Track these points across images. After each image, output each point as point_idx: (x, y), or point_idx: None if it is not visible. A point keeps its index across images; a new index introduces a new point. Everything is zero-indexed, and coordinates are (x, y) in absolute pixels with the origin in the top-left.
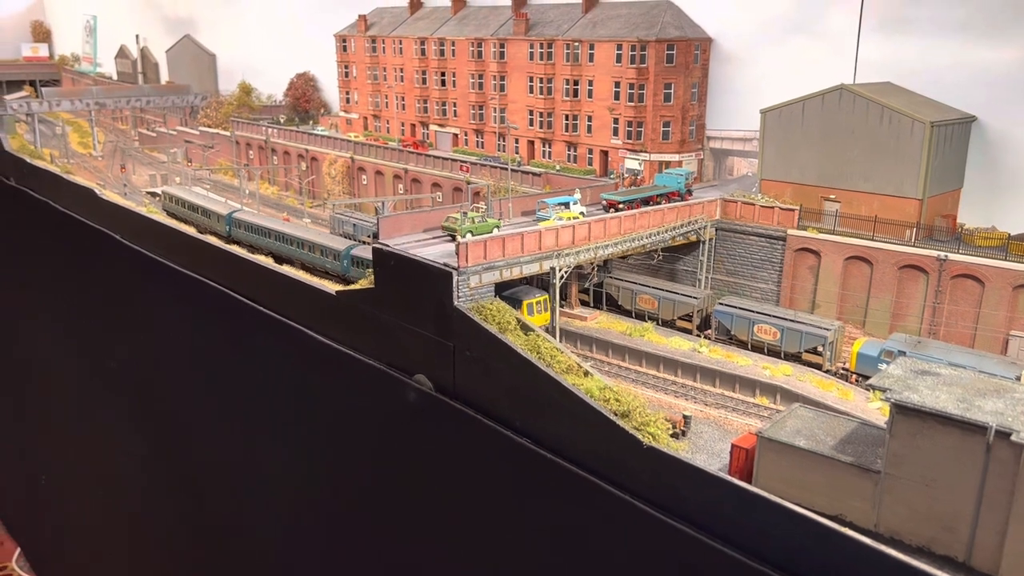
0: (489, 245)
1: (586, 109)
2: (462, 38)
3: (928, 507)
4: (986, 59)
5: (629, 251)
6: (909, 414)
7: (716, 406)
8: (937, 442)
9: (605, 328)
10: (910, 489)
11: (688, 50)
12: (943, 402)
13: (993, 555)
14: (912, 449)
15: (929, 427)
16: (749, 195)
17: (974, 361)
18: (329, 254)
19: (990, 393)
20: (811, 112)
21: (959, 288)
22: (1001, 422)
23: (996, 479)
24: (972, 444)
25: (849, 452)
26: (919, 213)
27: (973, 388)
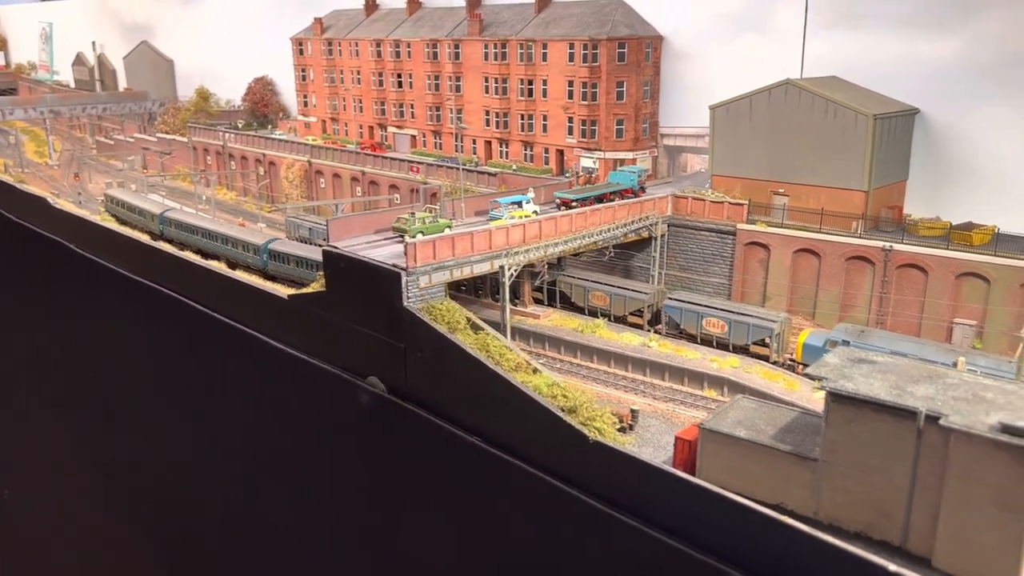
0: (438, 245)
1: (541, 108)
2: (417, 39)
3: (864, 493)
4: (929, 52)
5: (581, 248)
6: (843, 402)
7: (664, 400)
8: (871, 428)
9: (558, 326)
10: (847, 476)
11: (639, 48)
12: (876, 389)
13: (927, 538)
14: (847, 436)
15: (863, 414)
16: (700, 191)
17: (915, 349)
18: (249, 249)
19: (923, 379)
20: (759, 107)
21: (904, 278)
22: (931, 407)
23: (928, 463)
24: (904, 429)
25: (789, 441)
26: (865, 205)
27: (907, 375)
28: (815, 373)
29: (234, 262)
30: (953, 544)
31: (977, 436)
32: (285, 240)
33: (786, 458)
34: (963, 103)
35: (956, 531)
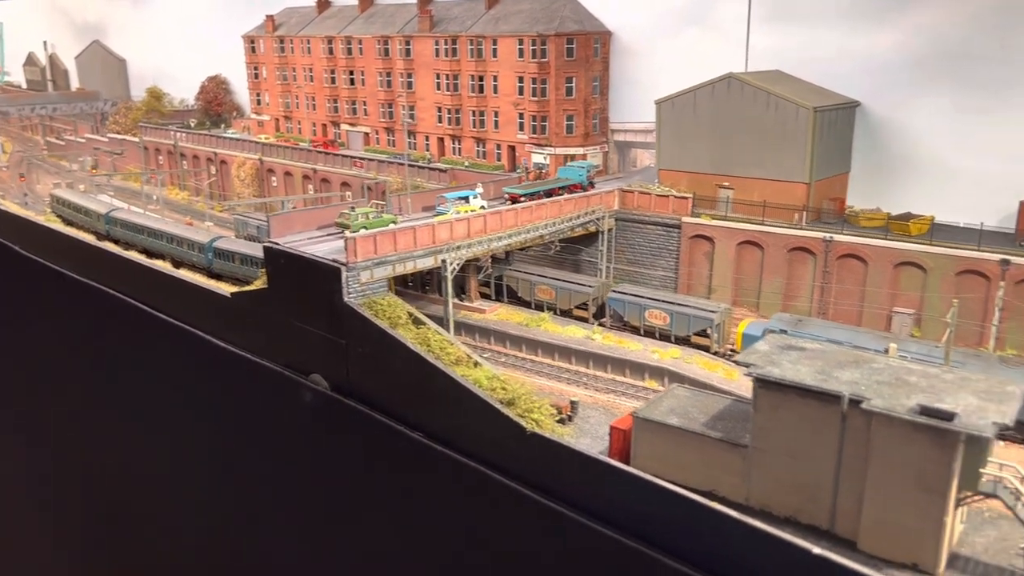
0: (379, 240)
1: (492, 105)
2: (369, 36)
3: (792, 478)
4: (869, 46)
5: (527, 243)
6: (770, 387)
7: (606, 391)
8: (797, 413)
9: (503, 320)
10: (775, 461)
11: (587, 43)
12: (802, 374)
13: (853, 522)
14: (775, 421)
15: (789, 399)
16: (646, 185)
17: (849, 336)
18: (194, 247)
19: (849, 364)
20: (702, 101)
21: (845, 268)
22: (855, 391)
23: (852, 447)
24: (829, 414)
25: (720, 428)
26: (807, 197)
27: (833, 360)
28: (744, 360)
29: (179, 261)
30: (877, 527)
31: (897, 419)
32: (230, 238)
33: (717, 445)
34: (902, 96)
35: (879, 514)
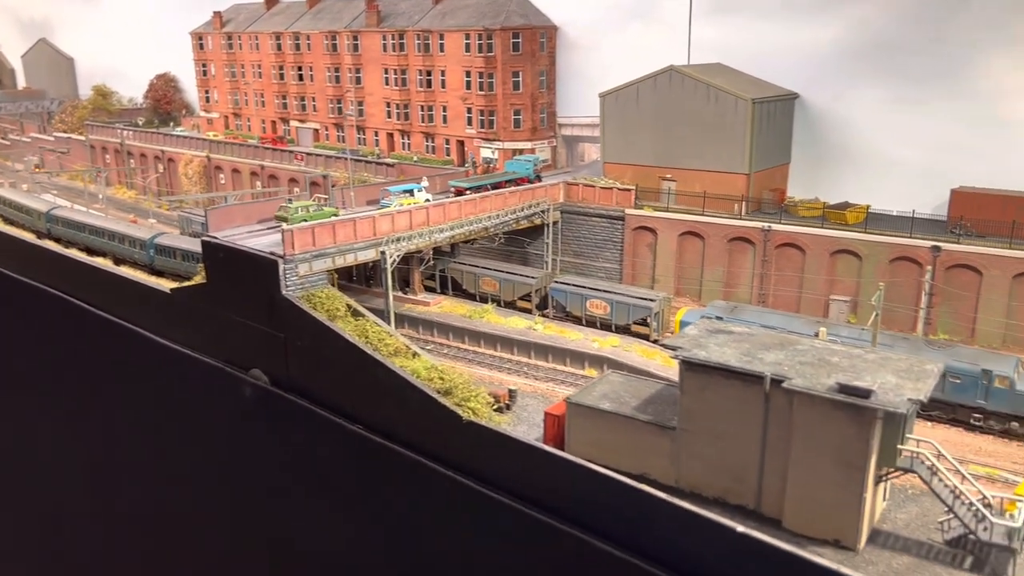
0: (318, 232)
1: (440, 99)
2: (316, 32)
3: (720, 459)
4: (807, 38)
5: (471, 235)
6: (696, 370)
7: (546, 380)
8: (722, 395)
9: (447, 312)
10: (703, 443)
11: (534, 38)
12: (728, 356)
13: (778, 500)
14: (701, 403)
15: (715, 381)
16: (591, 178)
17: (783, 322)
18: (135, 244)
19: (774, 347)
20: (645, 94)
21: (783, 257)
22: (778, 371)
23: (776, 427)
24: (752, 394)
25: (650, 412)
26: (747, 188)
27: (759, 343)
28: (672, 344)
29: (121, 258)
30: (800, 504)
31: (817, 397)
32: (172, 234)
33: (647, 428)
34: (839, 87)
35: (802, 491)
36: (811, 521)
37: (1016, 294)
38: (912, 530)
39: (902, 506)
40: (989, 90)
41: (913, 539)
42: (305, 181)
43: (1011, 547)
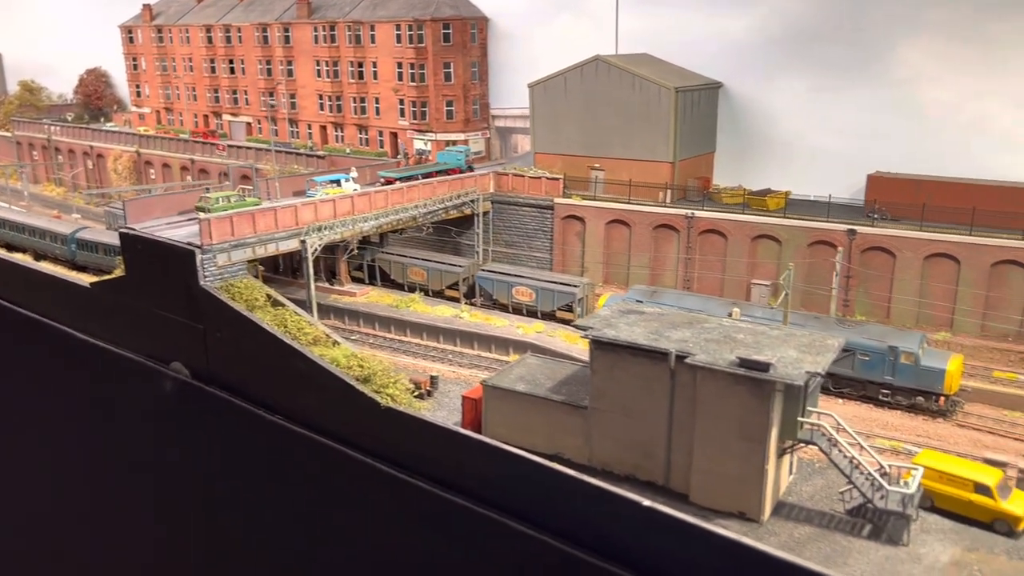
0: (236, 221)
1: (373, 91)
2: (248, 24)
3: (630, 436)
4: (731, 28)
5: (398, 224)
6: (605, 348)
7: (470, 366)
8: (631, 373)
9: (373, 302)
10: (613, 421)
11: (464, 29)
12: (636, 335)
13: (685, 475)
14: (611, 382)
15: (623, 359)
16: (520, 168)
17: (700, 304)
18: (56, 239)
19: (682, 325)
20: (573, 84)
21: (707, 243)
22: (683, 348)
23: (681, 403)
24: (659, 371)
25: (564, 392)
26: (672, 176)
27: (668, 322)
28: (583, 324)
29: (42, 254)
30: (705, 478)
31: (719, 371)
32: (94, 229)
33: (560, 408)
34: (761, 76)
35: (707, 465)
36: (716, 494)
37: (928, 274)
38: (816, 501)
39: (808, 479)
40: (904, 77)
41: (816, 510)
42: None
43: (905, 513)
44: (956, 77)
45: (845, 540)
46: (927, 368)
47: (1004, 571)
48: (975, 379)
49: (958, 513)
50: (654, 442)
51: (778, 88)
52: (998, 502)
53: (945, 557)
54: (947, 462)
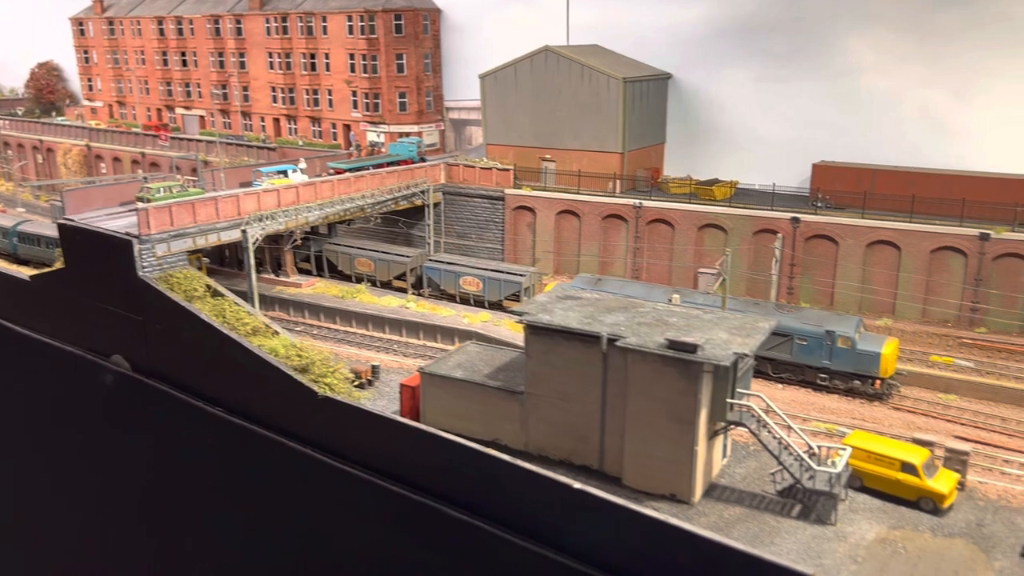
0: (176, 211)
1: (325, 83)
2: (199, 16)
3: (565, 421)
4: (680, 19)
5: (346, 215)
6: (540, 333)
7: (415, 356)
8: (565, 357)
9: (319, 293)
10: (548, 405)
11: (416, 20)
12: (570, 320)
13: (618, 458)
14: (545, 367)
15: (557, 344)
16: (472, 159)
17: (642, 291)
18: None
19: (617, 310)
20: (523, 75)
21: (655, 232)
22: (615, 332)
23: (614, 385)
24: (592, 355)
25: (501, 378)
26: (622, 166)
27: (604, 307)
28: (518, 310)
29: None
30: (638, 461)
31: (649, 354)
32: (36, 222)
33: (497, 394)
34: (709, 67)
35: (639, 448)
36: (648, 477)
37: (870, 261)
38: (748, 483)
39: (742, 461)
40: (848, 67)
41: (748, 491)
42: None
43: (832, 493)
44: (899, 67)
45: (774, 520)
46: (863, 352)
47: (927, 548)
48: (913, 363)
49: (886, 492)
50: (588, 426)
51: (726, 78)
52: (923, 480)
53: (871, 535)
54: (876, 442)
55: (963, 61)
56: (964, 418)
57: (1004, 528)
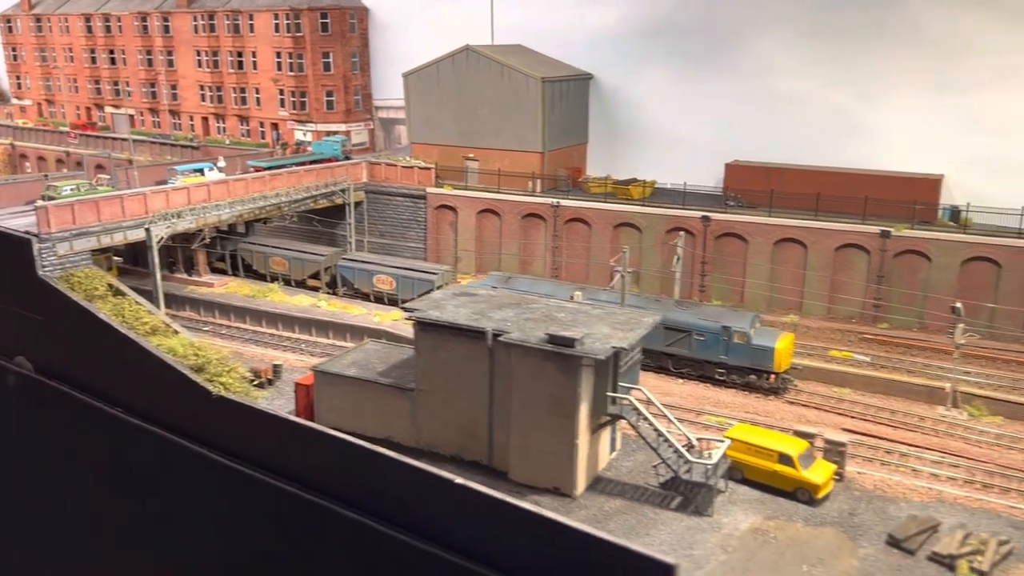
0: (78, 209)
1: (253, 81)
2: (127, 13)
3: (454, 417)
4: (600, 20)
5: (260, 213)
6: (428, 329)
7: (323, 355)
8: (453, 353)
9: (231, 292)
10: (438, 402)
11: (343, 19)
12: (459, 316)
13: (505, 453)
14: (434, 363)
15: (445, 340)
16: (394, 157)
17: (551, 288)
18: None
19: (508, 306)
20: (445, 74)
21: (572, 231)
22: (502, 327)
23: (500, 381)
24: (478, 350)
25: (394, 375)
26: (542, 165)
27: (496, 303)
28: (408, 307)
29: None
30: (522, 455)
31: (531, 348)
32: None
33: (389, 391)
34: (628, 68)
35: (524, 442)
36: (532, 471)
37: (778, 259)
38: (633, 476)
39: (631, 455)
40: (757, 68)
41: (632, 484)
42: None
43: (708, 484)
44: (807, 68)
45: (653, 512)
46: (758, 347)
47: (799, 537)
48: (812, 358)
49: (765, 483)
50: (477, 421)
51: (646, 79)
52: (799, 471)
53: (745, 525)
54: (756, 435)
55: (868, 63)
56: (855, 411)
57: (875, 516)
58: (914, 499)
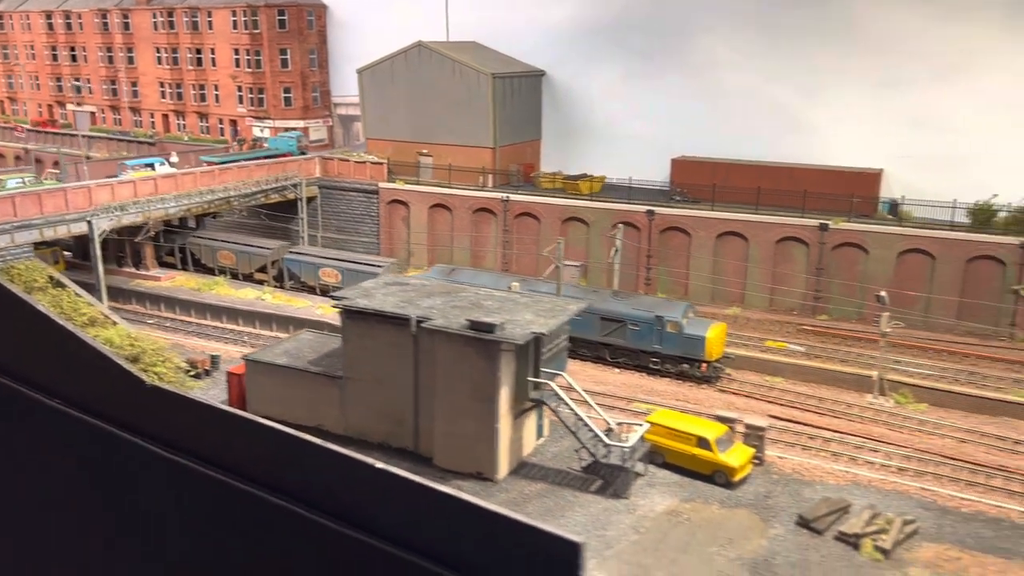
0: (20, 202)
1: (212, 78)
2: (87, 10)
3: (382, 404)
4: (551, 16)
5: (210, 207)
6: (355, 317)
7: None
8: (379, 340)
9: (178, 286)
10: (365, 389)
11: (300, 15)
12: (386, 304)
13: (431, 440)
14: (361, 351)
15: (371, 327)
16: (348, 152)
17: (492, 280)
18: None
19: (437, 295)
20: (398, 70)
21: (522, 225)
22: (428, 315)
23: (425, 368)
24: (403, 338)
25: (324, 364)
26: (494, 161)
27: (425, 292)
28: (336, 295)
29: None
30: (446, 441)
31: (454, 334)
32: None
33: (318, 380)
34: (580, 65)
35: (447, 428)
36: (456, 456)
37: (720, 252)
38: (558, 461)
39: (558, 441)
40: (703, 64)
41: (555, 468)
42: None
43: (625, 467)
44: (750, 63)
45: (572, 495)
46: (689, 336)
47: (712, 518)
48: (748, 348)
49: (685, 467)
50: (403, 408)
51: (596, 76)
52: (716, 455)
53: (661, 507)
54: (676, 419)
55: (811, 60)
56: (784, 399)
57: (789, 499)
58: (830, 482)
